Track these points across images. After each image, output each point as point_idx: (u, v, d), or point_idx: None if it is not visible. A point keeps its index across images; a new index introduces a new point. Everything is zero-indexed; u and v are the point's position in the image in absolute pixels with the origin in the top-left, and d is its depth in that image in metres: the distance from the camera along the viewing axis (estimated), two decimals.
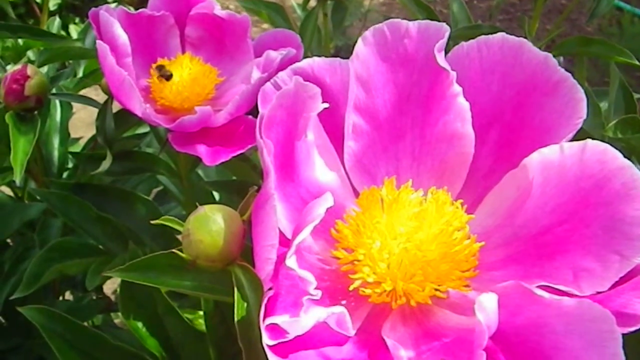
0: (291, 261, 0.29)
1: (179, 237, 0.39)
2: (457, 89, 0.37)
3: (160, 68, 0.62)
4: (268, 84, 0.41)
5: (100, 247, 0.74)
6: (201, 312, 0.53)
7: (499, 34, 0.37)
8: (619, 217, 0.32)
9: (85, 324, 0.94)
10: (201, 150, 0.56)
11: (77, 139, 1.09)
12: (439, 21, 0.80)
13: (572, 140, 0.35)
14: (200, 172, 0.85)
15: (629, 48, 2.19)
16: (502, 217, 0.37)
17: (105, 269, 0.68)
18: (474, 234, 0.36)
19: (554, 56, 0.74)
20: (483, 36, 0.38)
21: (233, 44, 0.66)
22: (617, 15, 2.79)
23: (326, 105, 0.37)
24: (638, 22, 2.64)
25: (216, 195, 0.84)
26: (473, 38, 0.78)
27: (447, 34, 0.37)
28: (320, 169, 0.38)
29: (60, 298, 0.94)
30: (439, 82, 0.37)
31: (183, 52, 0.68)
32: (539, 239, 0.35)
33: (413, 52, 0.38)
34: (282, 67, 0.60)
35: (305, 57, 0.80)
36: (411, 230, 0.35)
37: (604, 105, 0.84)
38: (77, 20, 3.05)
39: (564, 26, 2.71)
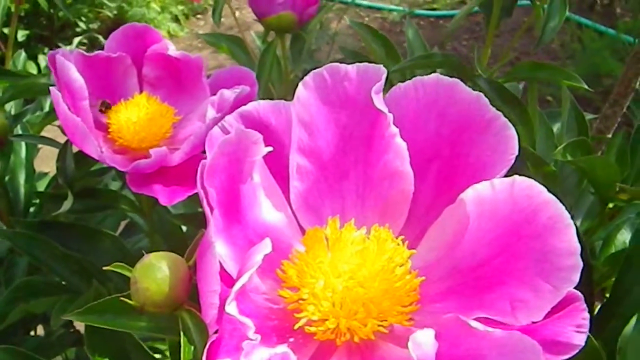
0: (231, 307, 0.30)
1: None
2: (394, 130, 0.38)
3: (103, 103, 0.64)
4: (216, 127, 0.42)
5: (66, 284, 0.74)
6: None
7: (434, 74, 0.39)
8: (549, 249, 0.33)
9: (59, 357, 0.94)
10: (157, 190, 0.57)
11: (45, 174, 1.09)
12: (394, 50, 0.83)
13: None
14: None
15: (591, 63, 2.24)
16: (443, 251, 0.38)
17: (70, 308, 0.69)
18: (416, 268, 0.38)
19: (505, 82, 0.77)
20: (419, 77, 0.39)
21: (189, 82, 0.67)
22: (579, 32, 2.84)
23: (270, 149, 0.38)
24: (599, 38, 2.68)
25: (183, 227, 0.85)
26: (428, 66, 0.81)
27: (384, 76, 0.39)
28: (266, 210, 0.39)
29: (32, 333, 0.94)
30: (378, 122, 0.39)
31: (141, 91, 0.69)
32: (478, 271, 0.36)
33: (353, 94, 0.40)
34: (236, 105, 0.62)
35: (265, 88, 0.81)
36: (354, 267, 0.36)
37: (557, 127, 0.86)
38: (46, 50, 3.06)
39: (525, 45, 2.74)
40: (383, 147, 0.39)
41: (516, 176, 0.35)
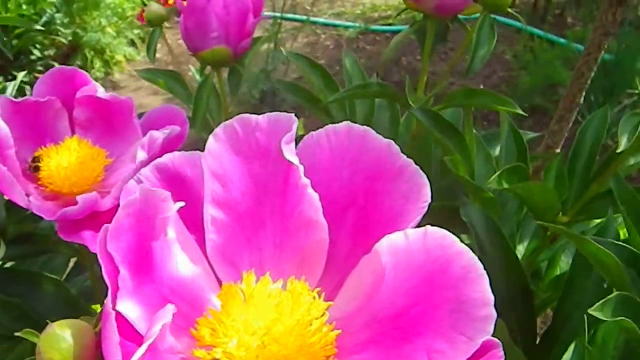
0: None
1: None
2: (305, 180, 0.37)
3: (34, 159, 0.63)
4: (131, 181, 0.41)
5: (6, 332, 0.72)
6: None
7: (344, 122, 0.39)
8: (463, 299, 0.33)
9: None
10: (88, 237, 0.56)
11: None
12: (332, 80, 0.82)
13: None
14: None
15: (544, 73, 2.25)
16: (362, 301, 0.38)
17: (9, 357, 0.67)
18: (335, 319, 0.37)
19: (442, 109, 0.77)
20: (331, 125, 0.39)
21: (121, 124, 0.66)
22: (532, 42, 2.87)
23: (182, 204, 0.38)
24: (551, 48, 2.72)
25: None
26: (365, 96, 0.80)
27: (295, 126, 0.38)
28: (182, 265, 0.39)
29: None
30: (291, 173, 0.38)
31: (73, 133, 0.68)
32: (396, 321, 0.36)
33: (265, 144, 0.39)
34: (165, 145, 0.61)
35: (204, 122, 0.81)
36: (269, 323, 0.35)
37: (496, 150, 0.86)
38: (0, 79, 3.02)
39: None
40: (297, 198, 0.39)
41: (428, 226, 0.35)
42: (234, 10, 0.77)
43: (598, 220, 0.78)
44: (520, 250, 0.85)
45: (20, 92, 0.66)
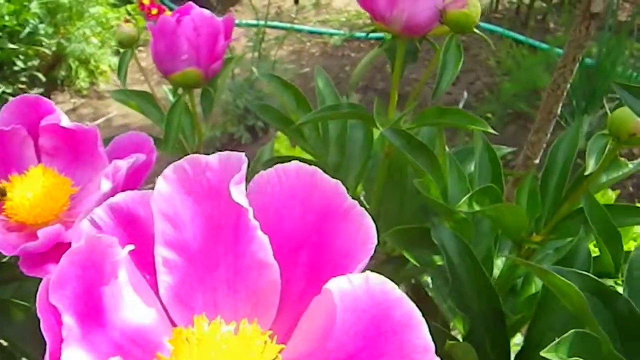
0: None
1: None
2: (255, 223, 0.37)
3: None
4: (85, 221, 0.41)
5: None
6: None
7: (294, 162, 0.38)
8: (406, 345, 0.33)
9: None
10: (51, 270, 0.56)
11: None
12: (304, 100, 0.82)
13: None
14: None
15: (527, 79, 2.26)
16: (314, 343, 0.37)
17: None
18: None
19: (414, 128, 0.76)
20: (280, 165, 0.39)
21: (87, 152, 0.66)
22: (514, 48, 2.87)
23: (131, 247, 0.37)
24: (533, 53, 2.72)
25: None
26: (336, 118, 0.80)
27: (244, 165, 0.38)
28: (134, 309, 0.38)
29: None
30: (242, 214, 0.38)
31: (39, 161, 0.67)
32: None
33: (217, 183, 0.39)
34: (131, 174, 0.61)
35: (175, 144, 0.80)
36: None
37: (471, 166, 0.86)
38: None
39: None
40: (248, 238, 0.38)
41: (369, 272, 0.35)
42: (204, 32, 0.76)
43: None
44: (499, 264, 0.84)
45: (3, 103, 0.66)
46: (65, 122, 0.64)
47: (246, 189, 0.39)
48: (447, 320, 0.82)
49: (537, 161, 1.28)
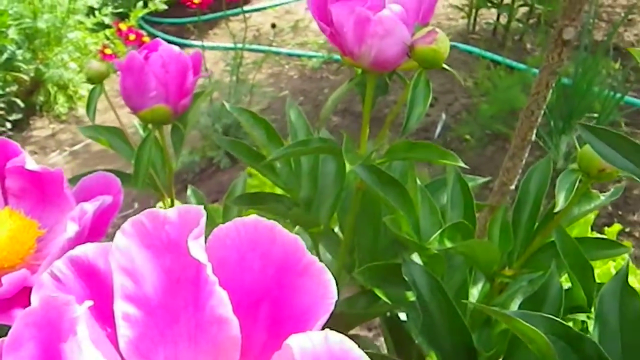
0: None
1: None
2: (213, 278, 0.37)
3: None
4: (45, 274, 0.40)
5: None
6: None
7: (253, 216, 0.38)
8: None
9: None
10: (17, 316, 0.55)
11: None
12: (275, 134, 0.82)
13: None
14: None
15: (504, 100, 2.26)
16: None
17: None
18: None
19: (385, 162, 0.76)
20: (239, 219, 0.38)
21: (53, 193, 0.65)
22: (491, 69, 2.89)
23: (89, 303, 0.37)
24: (510, 74, 2.74)
25: None
26: (306, 153, 0.80)
27: (203, 219, 0.38)
28: None
29: None
30: (201, 268, 0.38)
31: (6, 203, 0.66)
32: None
33: (176, 237, 0.39)
34: (98, 216, 0.60)
35: (145, 180, 0.79)
36: None
37: (443, 197, 0.86)
38: None
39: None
40: (207, 293, 0.38)
41: (328, 330, 0.34)
42: (173, 69, 0.76)
43: None
44: (474, 293, 0.84)
45: None
46: (30, 164, 0.63)
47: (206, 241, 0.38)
48: (422, 352, 0.82)
49: (512, 187, 1.28)
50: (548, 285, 0.67)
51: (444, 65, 0.67)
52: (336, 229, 0.93)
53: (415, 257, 0.75)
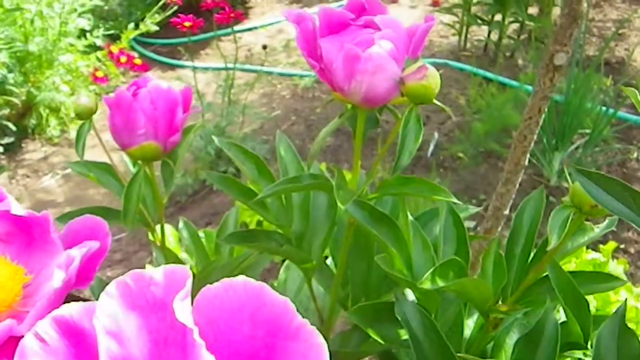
0: None
1: None
2: (200, 341, 0.36)
3: None
4: (29, 335, 0.39)
5: None
6: None
7: (241, 277, 0.37)
8: None
9: None
10: None
11: None
12: (266, 169, 0.81)
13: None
14: None
15: (497, 117, 2.26)
16: None
17: None
18: None
19: (377, 198, 0.75)
20: (227, 279, 0.37)
21: (41, 238, 0.64)
22: (484, 86, 2.89)
23: None
24: (502, 91, 2.74)
25: None
26: (296, 190, 0.79)
27: (189, 281, 0.37)
28: None
29: None
30: (189, 330, 0.37)
31: None
32: None
33: (162, 297, 0.38)
34: (85, 263, 0.59)
35: (135, 218, 0.78)
36: None
37: (436, 228, 0.85)
38: None
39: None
40: (195, 355, 0.37)
41: None
42: (161, 105, 0.75)
43: None
44: (470, 324, 0.83)
45: None
46: (16, 209, 0.62)
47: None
48: None
49: (506, 212, 1.28)
50: (544, 321, 0.66)
51: (435, 101, 0.66)
52: (329, 261, 0.93)
53: (409, 292, 0.74)
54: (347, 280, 0.85)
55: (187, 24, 2.35)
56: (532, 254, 0.74)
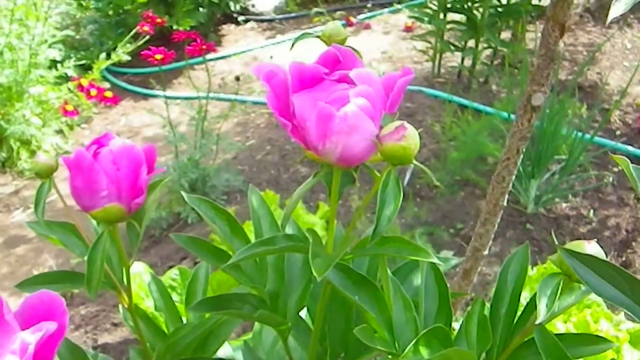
0: None
1: None
2: None
3: None
4: None
5: None
6: None
7: None
8: None
9: None
10: None
11: None
12: (238, 226, 0.77)
13: None
14: None
15: (472, 144, 2.24)
16: None
17: None
18: None
19: (353, 259, 0.72)
20: None
21: None
22: (458, 114, 2.88)
23: None
24: (477, 118, 2.73)
25: None
26: (270, 253, 0.75)
27: None
28: None
29: None
30: None
31: None
32: None
33: None
34: (42, 345, 0.55)
35: (99, 284, 0.74)
36: None
37: (415, 280, 0.82)
38: None
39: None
40: None
41: None
42: (124, 165, 0.71)
43: None
44: None
45: None
46: None
47: None
48: None
49: (485, 252, 1.25)
50: None
51: (414, 162, 0.63)
52: (304, 313, 0.89)
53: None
54: (325, 335, 0.81)
55: (158, 56, 2.32)
56: (517, 315, 0.71)
